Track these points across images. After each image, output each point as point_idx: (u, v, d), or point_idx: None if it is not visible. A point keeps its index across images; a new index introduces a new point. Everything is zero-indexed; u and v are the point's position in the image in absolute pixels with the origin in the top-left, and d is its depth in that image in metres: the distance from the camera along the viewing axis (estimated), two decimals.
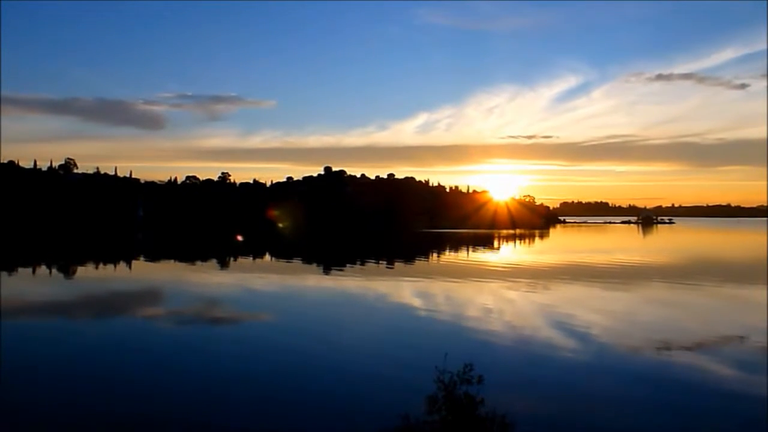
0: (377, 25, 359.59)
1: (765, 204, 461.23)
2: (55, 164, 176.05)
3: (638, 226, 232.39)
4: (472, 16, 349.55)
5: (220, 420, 14.78)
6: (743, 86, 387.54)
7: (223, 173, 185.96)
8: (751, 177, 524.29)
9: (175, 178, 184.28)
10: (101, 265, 59.73)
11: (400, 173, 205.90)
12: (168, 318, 29.47)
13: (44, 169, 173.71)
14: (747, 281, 47.26)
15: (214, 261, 66.76)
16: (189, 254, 76.39)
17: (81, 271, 53.92)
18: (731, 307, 35.61)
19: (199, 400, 16.40)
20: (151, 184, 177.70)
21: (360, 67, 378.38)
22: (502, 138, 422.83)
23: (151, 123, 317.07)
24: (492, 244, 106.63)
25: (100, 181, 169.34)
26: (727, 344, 24.00)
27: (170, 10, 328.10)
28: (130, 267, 59.72)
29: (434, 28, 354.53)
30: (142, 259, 71.14)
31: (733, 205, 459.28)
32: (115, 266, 59.66)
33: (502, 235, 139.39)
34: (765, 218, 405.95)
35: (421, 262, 69.39)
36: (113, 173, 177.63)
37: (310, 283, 46.12)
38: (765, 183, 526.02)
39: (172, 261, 68.46)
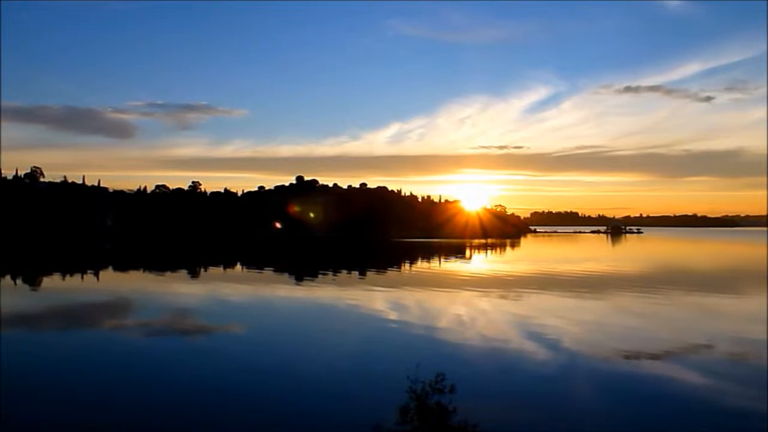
0: (350, 35, 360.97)
1: (729, 214, 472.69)
2: (21, 173, 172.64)
3: (607, 236, 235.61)
4: (444, 28, 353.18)
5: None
6: (708, 99, 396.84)
7: (193, 182, 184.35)
8: (716, 188, 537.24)
9: (145, 187, 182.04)
10: (67, 276, 58.55)
11: (373, 183, 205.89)
12: (135, 330, 28.95)
13: (9, 177, 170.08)
14: (713, 290, 48.13)
15: (184, 271, 65.90)
16: (158, 264, 75.32)
17: (46, 282, 52.81)
18: (698, 315, 36.21)
19: (164, 415, 16.13)
20: (119, 193, 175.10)
21: (333, 77, 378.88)
22: (474, 148, 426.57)
23: (120, 131, 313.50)
24: (464, 253, 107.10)
25: (67, 189, 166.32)
26: (694, 352, 24.38)
27: (140, 18, 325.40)
28: (97, 277, 58.64)
29: (407, 40, 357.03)
30: (110, 269, 69.93)
31: (699, 215, 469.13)
32: (82, 277, 58.56)
33: (473, 244, 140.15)
34: (730, 228, 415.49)
35: (393, 271, 69.38)
36: (81, 182, 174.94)
37: (280, 293, 45.77)
38: (730, 194, 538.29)
39: (141, 271, 67.40)
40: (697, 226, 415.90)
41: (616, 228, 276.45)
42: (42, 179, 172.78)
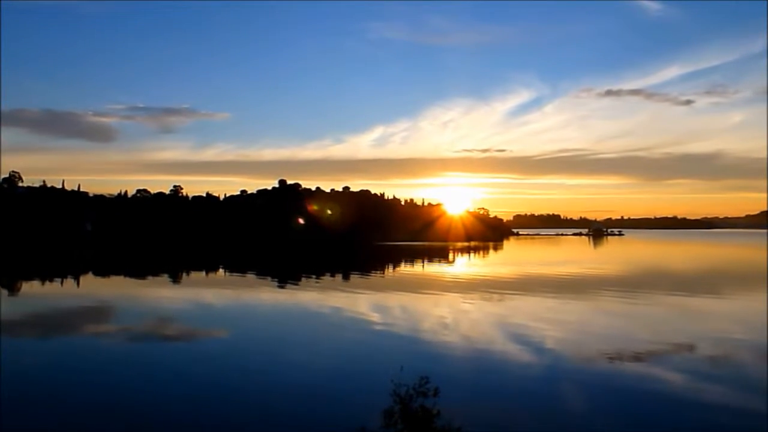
0: (333, 39, 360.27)
1: (708, 216, 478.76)
2: None
3: (589, 238, 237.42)
4: (427, 32, 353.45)
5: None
6: (688, 102, 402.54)
7: (175, 186, 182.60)
8: (696, 190, 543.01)
9: (125, 192, 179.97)
10: (47, 282, 57.76)
11: (356, 186, 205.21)
12: (115, 335, 28.69)
13: None
14: (693, 291, 48.64)
15: (165, 276, 65.33)
16: (139, 269, 74.58)
17: (25, 288, 52.11)
18: (679, 316, 36.55)
19: (149, 418, 15.97)
20: (100, 198, 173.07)
21: (316, 80, 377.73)
22: (457, 151, 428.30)
23: (101, 135, 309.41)
24: (447, 256, 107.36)
25: (46, 194, 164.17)
26: (675, 353, 24.62)
27: (122, 20, 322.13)
28: (77, 283, 57.95)
29: (390, 43, 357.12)
30: (90, 274, 69.16)
31: (679, 217, 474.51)
32: (61, 283, 57.83)
33: (456, 247, 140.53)
34: (708, 230, 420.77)
35: (377, 275, 69.34)
36: (60, 186, 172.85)
37: (264, 297, 45.55)
38: (709, 196, 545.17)
39: (121, 276, 66.70)
40: (677, 228, 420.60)
41: (597, 230, 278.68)
42: (20, 184, 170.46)
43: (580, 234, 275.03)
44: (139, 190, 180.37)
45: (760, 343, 26.89)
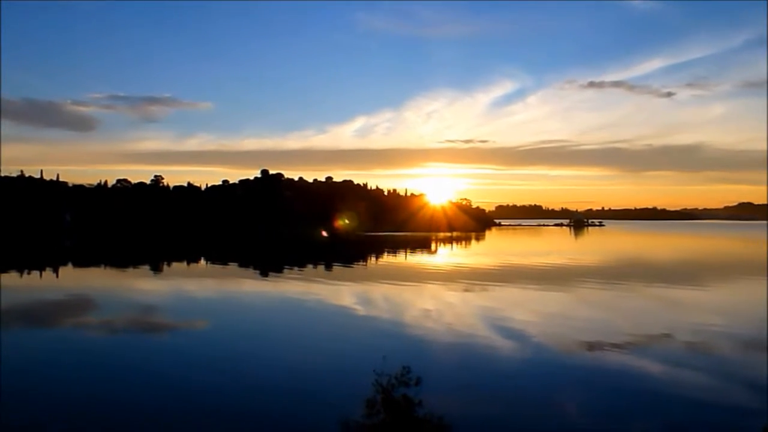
0: (318, 28, 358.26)
1: (688, 207, 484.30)
2: None
3: (570, 229, 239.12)
4: (411, 22, 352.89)
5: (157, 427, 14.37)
6: (669, 95, 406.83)
7: (156, 176, 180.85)
8: (676, 182, 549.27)
9: (105, 182, 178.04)
10: (25, 273, 57.07)
11: (339, 177, 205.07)
12: (94, 327, 28.47)
13: None
14: (673, 282, 49.24)
15: (146, 267, 64.82)
16: (119, 260, 73.93)
17: (4, 279, 51.43)
18: (659, 307, 37.00)
19: (131, 411, 15.89)
20: (79, 188, 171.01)
21: (299, 70, 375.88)
22: (440, 142, 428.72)
23: (80, 125, 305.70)
24: (429, 247, 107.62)
25: (23, 184, 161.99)
26: (655, 343, 24.94)
27: (102, 9, 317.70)
28: (57, 274, 57.34)
29: (374, 33, 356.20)
30: (69, 265, 68.47)
31: (659, 208, 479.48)
32: (40, 274, 57.19)
33: (439, 238, 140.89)
34: (688, 221, 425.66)
35: (360, 265, 69.36)
36: (39, 176, 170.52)
37: (247, 288, 45.41)
38: (689, 188, 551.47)
39: (101, 267, 66.08)
40: (657, 219, 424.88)
41: (578, 221, 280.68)
42: None
43: (561, 225, 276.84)
44: (119, 180, 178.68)
45: (738, 333, 27.32)
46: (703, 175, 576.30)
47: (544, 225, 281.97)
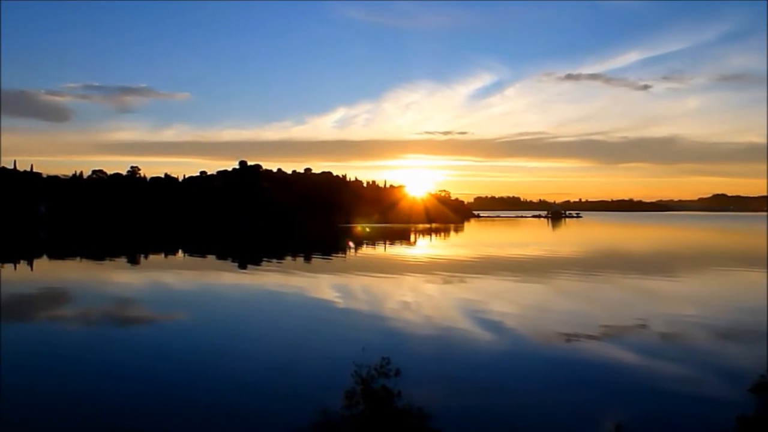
0: (295, 19, 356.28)
1: (664, 199, 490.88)
2: None
3: (548, 220, 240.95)
4: (390, 13, 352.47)
5: (137, 424, 14.26)
6: (646, 87, 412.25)
7: (132, 167, 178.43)
8: (651, 174, 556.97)
9: (81, 173, 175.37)
10: None
11: (318, 168, 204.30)
12: (71, 320, 28.15)
13: None
14: (648, 272, 49.91)
15: (122, 259, 64.12)
16: (95, 252, 73.02)
17: None
18: (634, 296, 37.50)
19: (104, 405, 15.76)
20: (54, 179, 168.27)
21: (278, 60, 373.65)
22: (419, 134, 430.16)
23: (55, 115, 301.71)
24: (409, 238, 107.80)
25: None
26: (631, 333, 25.27)
27: None
28: (31, 267, 56.52)
29: (353, 24, 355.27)
30: (44, 257, 67.50)
31: (635, 200, 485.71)
32: (14, 266, 56.34)
33: (418, 229, 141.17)
34: (663, 212, 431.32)
35: (339, 257, 69.32)
36: (12, 167, 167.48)
37: (225, 280, 45.16)
38: (664, 179, 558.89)
39: (77, 259, 65.22)
40: (633, 211, 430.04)
41: (556, 213, 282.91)
42: None
43: (539, 216, 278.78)
44: (95, 171, 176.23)
45: (712, 323, 27.80)
46: (678, 167, 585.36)
47: (522, 216, 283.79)
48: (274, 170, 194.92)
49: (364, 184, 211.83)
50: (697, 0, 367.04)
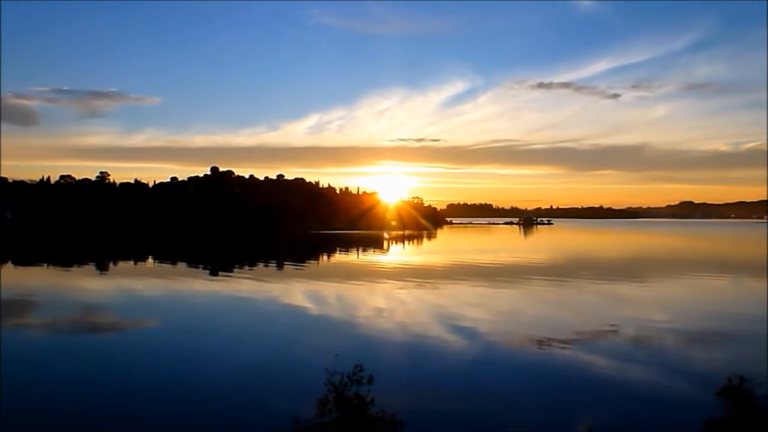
0: (269, 24, 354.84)
1: (633, 206, 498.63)
2: None
3: (520, 227, 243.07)
4: (364, 19, 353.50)
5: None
6: (615, 96, 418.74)
7: (101, 173, 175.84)
8: (621, 181, 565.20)
9: (48, 178, 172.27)
10: None
11: (290, 174, 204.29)
12: (37, 328, 27.56)
13: None
14: (618, 278, 50.59)
15: (90, 266, 63.03)
16: (62, 259, 71.68)
17: None
18: (604, 301, 37.94)
19: (74, 413, 15.44)
20: (20, 184, 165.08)
21: (251, 65, 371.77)
22: (392, 140, 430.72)
23: (22, 119, 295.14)
24: (381, 245, 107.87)
25: None
26: (601, 338, 25.55)
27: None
28: None
29: (327, 29, 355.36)
30: (9, 264, 66.05)
31: (605, 207, 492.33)
32: None
33: (391, 236, 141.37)
34: (632, 219, 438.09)
35: (311, 264, 69.04)
36: None
37: (195, 287, 44.64)
38: (633, 186, 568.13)
39: (43, 266, 63.95)
40: (603, 218, 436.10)
41: (528, 219, 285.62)
42: None
43: (511, 223, 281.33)
44: (62, 176, 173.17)
45: (680, 327, 28.23)
46: (646, 174, 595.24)
47: (494, 223, 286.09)
48: (247, 176, 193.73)
49: (337, 191, 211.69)
50: (665, 11, 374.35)
